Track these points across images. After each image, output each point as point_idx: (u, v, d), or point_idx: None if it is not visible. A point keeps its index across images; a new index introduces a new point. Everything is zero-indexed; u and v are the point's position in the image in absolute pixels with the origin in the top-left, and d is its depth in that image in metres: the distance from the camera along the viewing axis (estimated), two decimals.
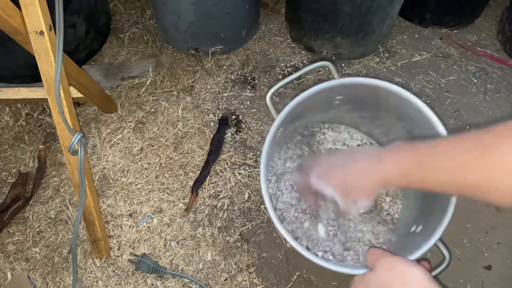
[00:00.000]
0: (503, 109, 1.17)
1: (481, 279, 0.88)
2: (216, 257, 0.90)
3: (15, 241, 0.92)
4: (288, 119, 0.69)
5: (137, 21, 1.36)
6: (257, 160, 1.03)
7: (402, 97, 0.66)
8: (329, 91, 0.69)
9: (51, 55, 0.72)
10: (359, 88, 0.69)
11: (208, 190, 0.99)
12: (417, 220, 0.71)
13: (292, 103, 0.67)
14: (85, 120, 1.11)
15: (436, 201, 0.66)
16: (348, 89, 0.70)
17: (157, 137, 1.07)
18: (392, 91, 0.66)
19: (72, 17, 1.09)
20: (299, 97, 0.67)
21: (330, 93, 0.72)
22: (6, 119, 1.11)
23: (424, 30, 1.36)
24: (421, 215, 0.72)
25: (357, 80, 0.68)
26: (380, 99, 0.70)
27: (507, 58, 1.28)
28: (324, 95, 0.71)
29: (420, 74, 1.23)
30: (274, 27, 1.35)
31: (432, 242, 0.60)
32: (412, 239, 0.68)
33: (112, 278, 0.87)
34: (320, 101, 0.75)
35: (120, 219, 0.95)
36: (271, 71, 1.23)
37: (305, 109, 0.75)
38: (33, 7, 0.68)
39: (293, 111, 0.68)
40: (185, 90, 1.17)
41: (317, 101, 0.74)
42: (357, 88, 0.70)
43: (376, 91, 0.68)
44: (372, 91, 0.68)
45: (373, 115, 0.80)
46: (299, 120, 0.84)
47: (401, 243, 0.74)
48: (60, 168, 1.03)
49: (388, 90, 0.67)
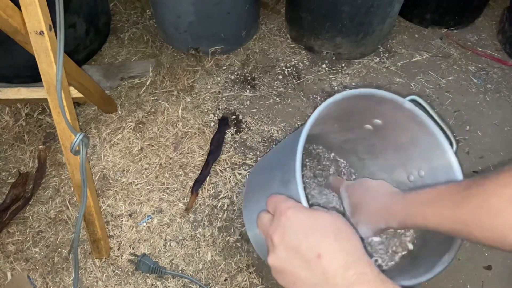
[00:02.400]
0: (503, 109, 1.17)
1: (481, 279, 0.88)
2: (216, 257, 0.90)
3: (15, 241, 0.92)
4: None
5: (137, 21, 1.36)
6: (257, 160, 1.03)
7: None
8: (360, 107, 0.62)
9: (51, 55, 0.72)
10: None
11: (208, 190, 0.98)
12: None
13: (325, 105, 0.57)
14: (85, 120, 1.11)
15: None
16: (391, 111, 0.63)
17: (157, 137, 1.07)
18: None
19: (72, 17, 1.09)
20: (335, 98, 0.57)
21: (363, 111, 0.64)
22: (6, 119, 1.11)
23: (424, 30, 1.36)
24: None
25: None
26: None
27: (507, 58, 1.28)
28: (358, 110, 0.64)
29: (420, 74, 1.23)
30: (274, 27, 1.35)
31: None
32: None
33: (112, 278, 0.87)
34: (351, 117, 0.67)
35: (120, 219, 0.95)
36: (271, 71, 1.23)
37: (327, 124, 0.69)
38: (33, 7, 0.68)
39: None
40: (185, 90, 1.17)
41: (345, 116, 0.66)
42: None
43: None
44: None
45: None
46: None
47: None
48: (60, 168, 1.03)
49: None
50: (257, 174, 0.74)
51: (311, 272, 0.37)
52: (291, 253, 0.39)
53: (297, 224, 0.40)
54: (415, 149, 0.66)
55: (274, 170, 0.61)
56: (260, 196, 0.62)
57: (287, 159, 0.52)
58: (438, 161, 0.62)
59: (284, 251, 0.40)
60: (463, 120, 1.14)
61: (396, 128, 0.66)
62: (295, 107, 1.15)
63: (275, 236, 0.41)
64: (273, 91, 1.18)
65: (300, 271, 0.38)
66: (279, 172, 0.56)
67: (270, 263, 0.41)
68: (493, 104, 1.17)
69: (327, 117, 0.63)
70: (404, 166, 0.70)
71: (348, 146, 0.78)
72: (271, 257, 0.41)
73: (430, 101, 1.17)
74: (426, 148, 0.63)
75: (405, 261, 0.66)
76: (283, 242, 0.40)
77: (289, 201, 0.44)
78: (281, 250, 0.40)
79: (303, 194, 0.47)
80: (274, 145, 1.07)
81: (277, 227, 0.41)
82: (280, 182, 0.54)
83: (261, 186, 0.66)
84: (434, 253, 0.57)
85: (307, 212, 0.41)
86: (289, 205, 0.42)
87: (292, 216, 0.41)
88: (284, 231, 0.40)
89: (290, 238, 0.40)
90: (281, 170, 0.56)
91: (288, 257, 0.39)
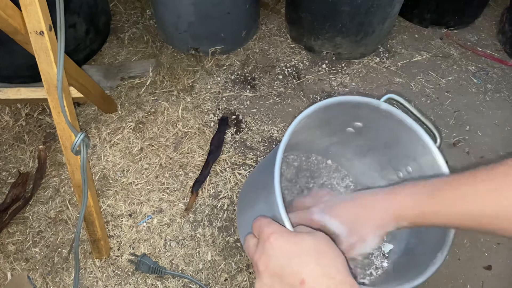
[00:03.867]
0: (503, 109, 1.17)
1: (481, 279, 0.88)
2: (216, 257, 0.90)
3: (15, 241, 0.92)
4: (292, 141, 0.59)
5: (137, 21, 1.36)
6: (257, 160, 1.03)
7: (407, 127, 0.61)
8: (344, 111, 0.62)
9: (51, 55, 0.72)
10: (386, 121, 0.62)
11: (208, 190, 0.98)
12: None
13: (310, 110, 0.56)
14: (85, 120, 1.11)
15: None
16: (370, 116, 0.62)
17: (157, 137, 1.07)
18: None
19: (72, 17, 1.09)
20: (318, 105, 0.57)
21: (345, 114, 0.64)
22: (6, 119, 1.11)
23: (424, 30, 1.36)
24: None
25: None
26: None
27: (507, 58, 1.28)
28: (339, 115, 0.63)
29: (420, 74, 1.23)
30: (274, 27, 1.35)
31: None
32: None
33: (112, 278, 0.87)
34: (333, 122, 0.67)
35: (120, 219, 0.95)
36: (271, 71, 1.23)
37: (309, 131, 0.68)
38: (33, 7, 0.68)
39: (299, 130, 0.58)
40: (185, 90, 1.17)
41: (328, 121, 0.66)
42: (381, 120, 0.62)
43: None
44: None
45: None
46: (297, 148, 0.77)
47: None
48: (60, 168, 1.03)
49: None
50: (246, 190, 0.74)
51: None
52: (276, 280, 0.40)
53: (279, 251, 0.41)
54: (398, 148, 0.66)
55: (259, 189, 0.61)
56: (249, 214, 0.61)
57: (269, 179, 0.52)
58: (422, 157, 0.62)
59: (269, 278, 0.40)
60: (463, 120, 1.14)
61: (377, 128, 0.66)
62: (295, 107, 1.15)
63: (260, 263, 0.42)
64: (273, 91, 1.18)
65: None
66: (263, 192, 0.56)
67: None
68: (493, 104, 1.17)
69: (306, 128, 0.63)
70: (391, 164, 0.71)
71: (335, 149, 0.78)
72: (257, 284, 0.42)
73: (430, 101, 1.17)
74: (409, 146, 0.63)
75: (400, 263, 0.66)
76: (267, 270, 0.41)
77: (272, 225, 0.44)
78: (266, 277, 0.41)
79: (286, 217, 0.46)
80: (274, 145, 1.07)
81: (261, 254, 0.42)
82: (265, 203, 0.54)
83: (248, 204, 0.65)
84: (429, 251, 0.56)
85: (290, 237, 0.42)
86: (271, 231, 0.43)
87: (275, 242, 0.41)
88: (268, 258, 0.41)
89: (274, 265, 0.40)
90: (264, 190, 0.55)
91: (273, 284, 0.40)
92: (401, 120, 0.61)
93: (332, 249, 0.41)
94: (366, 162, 0.77)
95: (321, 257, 0.40)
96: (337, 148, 0.78)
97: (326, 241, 0.42)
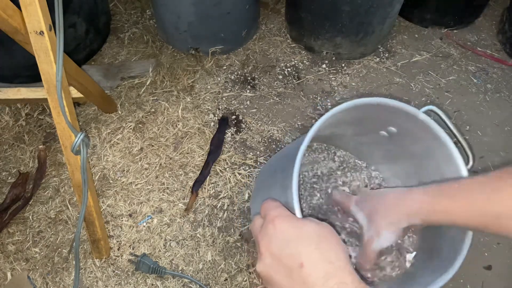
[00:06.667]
0: (503, 109, 1.17)
1: (481, 279, 0.88)
2: (216, 257, 0.90)
3: (15, 241, 0.92)
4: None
5: (137, 21, 1.36)
6: (257, 160, 1.03)
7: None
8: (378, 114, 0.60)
9: (51, 55, 0.72)
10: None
11: (208, 190, 0.98)
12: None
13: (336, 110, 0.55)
14: (85, 120, 1.11)
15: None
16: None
17: (157, 137, 1.07)
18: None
19: (72, 17, 1.09)
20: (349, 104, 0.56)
21: (379, 118, 0.62)
22: (6, 119, 1.11)
23: (424, 30, 1.36)
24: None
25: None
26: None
27: (507, 58, 1.28)
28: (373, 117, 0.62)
29: (420, 74, 1.23)
30: (274, 27, 1.35)
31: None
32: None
33: (112, 278, 0.87)
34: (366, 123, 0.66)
35: (120, 219, 0.95)
36: (271, 71, 1.23)
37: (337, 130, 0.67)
38: (33, 7, 0.68)
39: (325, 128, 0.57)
40: (185, 90, 1.17)
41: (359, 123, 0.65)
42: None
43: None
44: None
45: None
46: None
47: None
48: (60, 168, 1.03)
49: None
50: (264, 173, 0.74)
51: (293, 281, 0.38)
52: (276, 261, 0.40)
53: (281, 233, 0.41)
54: (429, 161, 0.65)
55: (277, 173, 0.61)
56: (263, 196, 0.62)
57: (288, 165, 0.52)
58: (451, 176, 0.61)
59: (269, 258, 0.41)
60: (463, 120, 1.14)
61: (411, 137, 0.65)
62: (295, 107, 1.15)
63: (262, 243, 0.42)
64: (273, 91, 1.18)
65: (283, 279, 0.39)
66: (281, 176, 0.56)
67: (257, 270, 0.42)
68: (493, 104, 1.17)
69: (337, 123, 0.62)
70: (417, 175, 0.69)
71: (364, 148, 0.77)
72: (258, 264, 0.42)
73: (430, 101, 1.17)
74: (440, 161, 0.62)
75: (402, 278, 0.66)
76: (268, 250, 0.41)
77: (279, 209, 0.45)
78: (267, 257, 0.41)
79: (297, 202, 0.47)
80: (274, 145, 1.07)
81: (264, 235, 0.42)
82: (281, 186, 0.54)
83: (264, 187, 0.66)
84: (434, 271, 0.57)
85: (293, 221, 0.42)
86: (277, 214, 0.43)
87: (278, 225, 0.42)
88: (270, 239, 0.41)
89: (274, 246, 0.41)
90: (282, 175, 0.55)
91: (273, 265, 0.40)
92: (437, 135, 0.60)
93: (334, 237, 0.41)
94: (393, 168, 0.75)
95: (321, 242, 0.40)
96: (366, 148, 0.77)
97: (329, 229, 0.42)
